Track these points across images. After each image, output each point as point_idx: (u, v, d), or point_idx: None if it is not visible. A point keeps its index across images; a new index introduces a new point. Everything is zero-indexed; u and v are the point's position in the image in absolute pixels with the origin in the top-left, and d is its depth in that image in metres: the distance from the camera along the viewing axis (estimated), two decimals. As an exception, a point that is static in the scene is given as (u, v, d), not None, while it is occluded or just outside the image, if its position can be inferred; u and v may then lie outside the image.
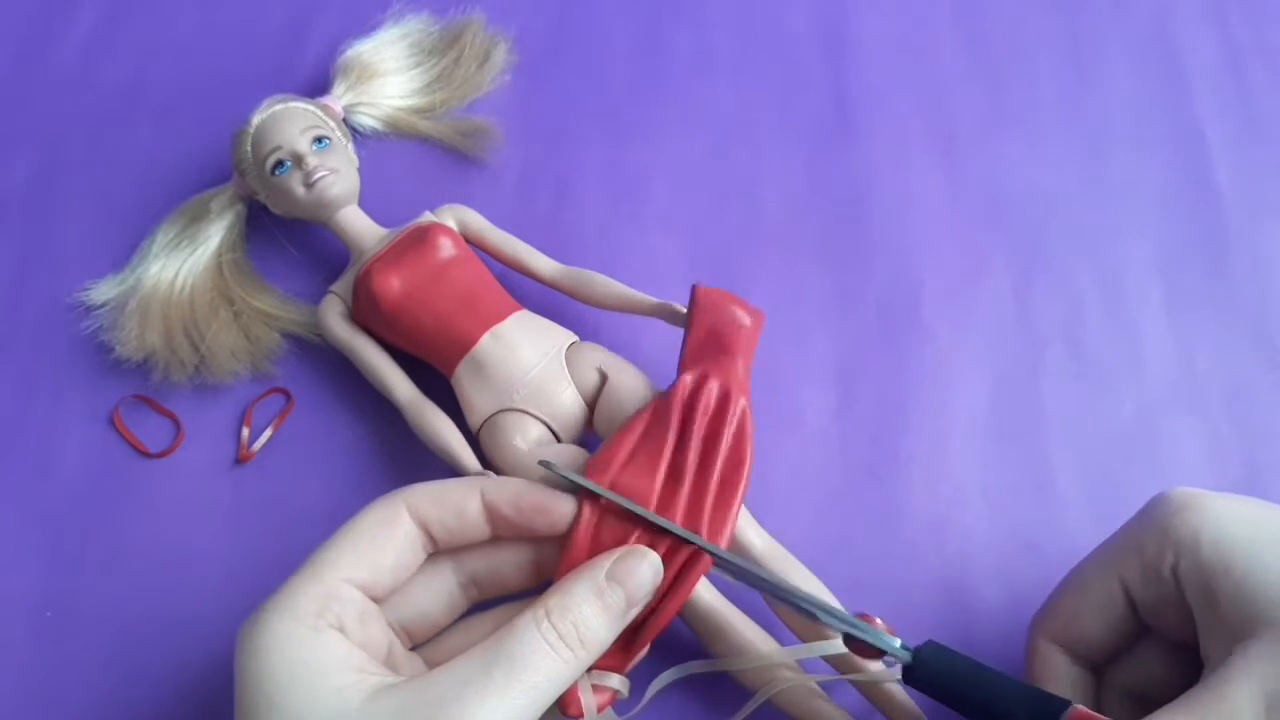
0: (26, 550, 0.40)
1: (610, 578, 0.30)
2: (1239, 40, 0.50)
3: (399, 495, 0.31)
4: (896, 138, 0.48)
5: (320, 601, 0.28)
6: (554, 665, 0.28)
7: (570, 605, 0.29)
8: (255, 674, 0.27)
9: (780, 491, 0.40)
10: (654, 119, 0.49)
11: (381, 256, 0.40)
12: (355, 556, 0.30)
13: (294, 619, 0.28)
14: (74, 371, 0.43)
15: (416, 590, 0.32)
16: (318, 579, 0.29)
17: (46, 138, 0.49)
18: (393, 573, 0.30)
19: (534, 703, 0.27)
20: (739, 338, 0.38)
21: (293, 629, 0.28)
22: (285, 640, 0.28)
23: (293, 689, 0.27)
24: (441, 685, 0.27)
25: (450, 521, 0.31)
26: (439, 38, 0.49)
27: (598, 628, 0.29)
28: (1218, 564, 0.28)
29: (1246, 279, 0.45)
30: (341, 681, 0.27)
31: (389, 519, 0.31)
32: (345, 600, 0.29)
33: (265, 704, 0.27)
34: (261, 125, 0.42)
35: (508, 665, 0.27)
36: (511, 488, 0.32)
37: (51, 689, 0.38)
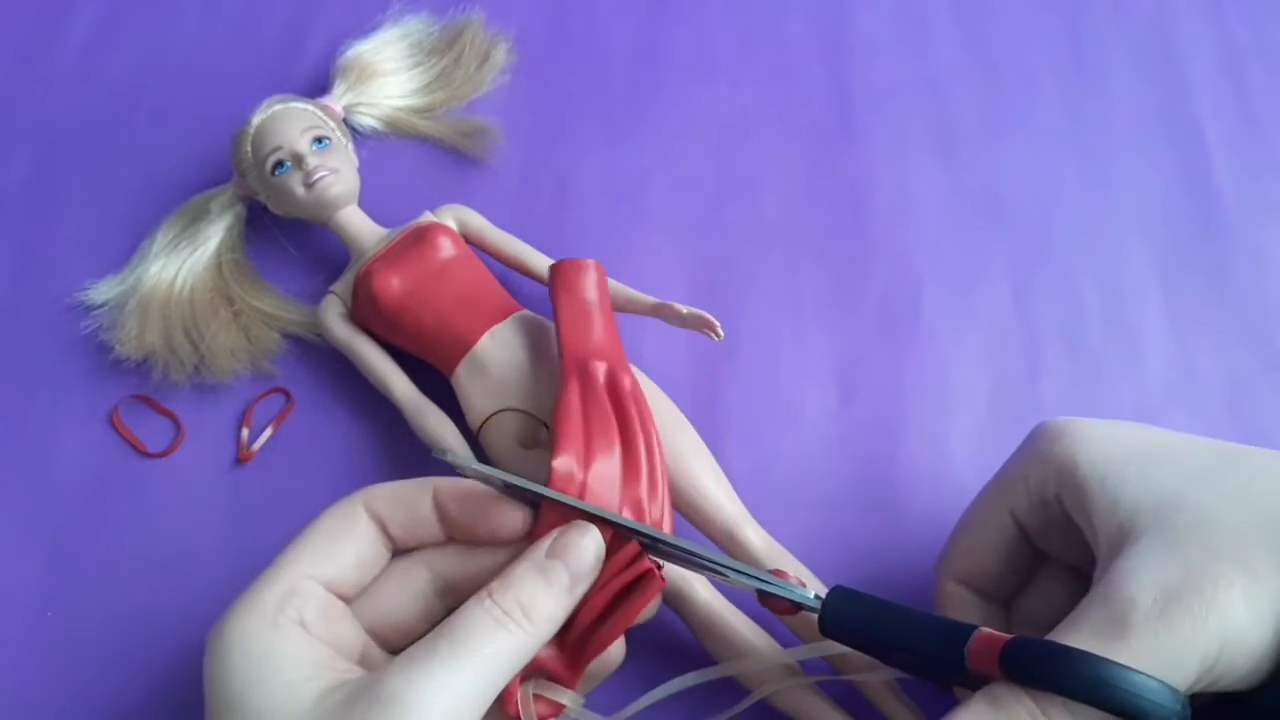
0: (26, 550, 0.40)
1: (551, 554, 0.30)
2: (1238, 40, 0.50)
3: (357, 495, 0.32)
4: (896, 138, 0.48)
5: (281, 598, 0.29)
6: (501, 639, 0.28)
7: (512, 582, 0.29)
8: (219, 672, 0.28)
9: (780, 491, 0.40)
10: (654, 119, 0.49)
11: (381, 256, 0.40)
12: (316, 553, 0.30)
13: (255, 616, 0.28)
14: (74, 371, 0.43)
15: (389, 594, 0.32)
16: (279, 577, 0.29)
17: (46, 137, 0.49)
18: (356, 569, 0.31)
19: (483, 678, 0.27)
20: (594, 311, 0.38)
21: (254, 626, 0.28)
22: (246, 637, 0.28)
23: (252, 686, 0.27)
24: (391, 670, 0.27)
25: (404, 519, 0.31)
26: (439, 38, 0.49)
27: (543, 602, 0.29)
28: (1093, 482, 0.29)
29: (1246, 279, 0.45)
30: (298, 676, 0.27)
31: (347, 516, 0.31)
32: (307, 596, 0.29)
33: (227, 701, 0.27)
34: (262, 125, 0.42)
35: (451, 641, 0.27)
36: (460, 488, 0.32)
37: (51, 688, 0.38)
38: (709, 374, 0.43)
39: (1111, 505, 0.29)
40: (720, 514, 0.37)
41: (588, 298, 0.38)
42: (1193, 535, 0.27)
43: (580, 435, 0.34)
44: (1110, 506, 0.29)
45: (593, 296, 0.39)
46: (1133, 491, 0.29)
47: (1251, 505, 0.27)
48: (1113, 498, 0.29)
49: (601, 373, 0.36)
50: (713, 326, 0.39)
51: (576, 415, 0.35)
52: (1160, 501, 0.28)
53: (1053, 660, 0.26)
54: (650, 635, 0.38)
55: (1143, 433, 0.31)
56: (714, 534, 0.37)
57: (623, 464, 0.35)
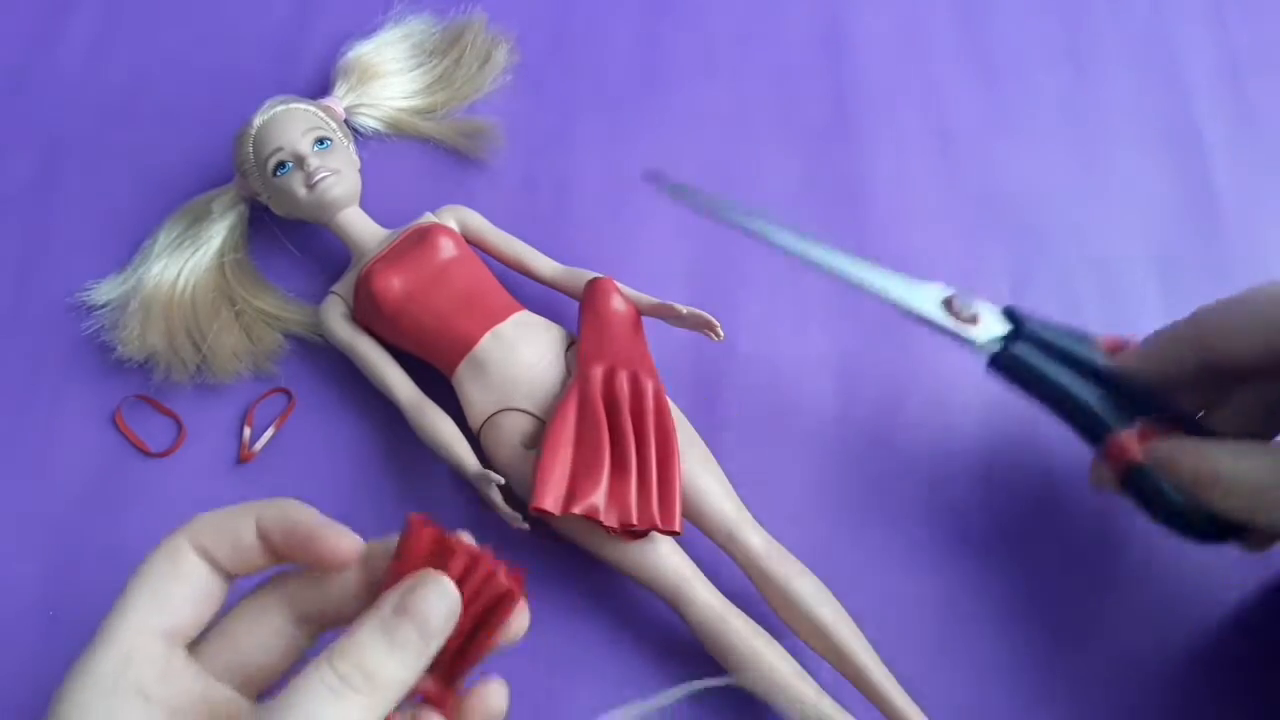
0: (28, 550, 0.40)
1: (399, 611, 0.27)
2: (1237, 40, 0.50)
3: (179, 531, 0.29)
4: (896, 138, 0.48)
5: (117, 665, 0.27)
6: (343, 711, 0.25)
7: (353, 645, 0.26)
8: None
9: (779, 491, 0.40)
10: (654, 119, 0.49)
11: (383, 257, 0.40)
12: (146, 603, 0.28)
13: (93, 689, 0.26)
14: (76, 371, 0.43)
15: (243, 635, 0.29)
16: (112, 638, 0.27)
17: (48, 138, 0.49)
18: (191, 608, 0.28)
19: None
20: (623, 323, 0.40)
21: (91, 700, 0.26)
22: (83, 714, 0.26)
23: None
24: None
25: (229, 551, 0.29)
26: (440, 38, 0.49)
27: (388, 666, 0.26)
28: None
29: (1244, 278, 0.44)
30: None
31: (170, 556, 0.29)
32: (143, 659, 0.27)
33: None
34: (263, 126, 0.42)
35: (288, 716, 0.24)
36: (285, 514, 0.29)
37: (52, 688, 0.38)
38: (709, 374, 0.43)
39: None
40: (720, 514, 0.37)
41: (614, 308, 0.40)
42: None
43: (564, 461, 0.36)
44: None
45: (619, 306, 0.40)
46: None
47: None
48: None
49: (601, 377, 0.37)
50: (713, 326, 0.39)
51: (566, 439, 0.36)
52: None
53: None
54: (651, 637, 0.38)
55: None
56: (714, 533, 0.37)
57: (610, 464, 0.36)
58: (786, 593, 0.36)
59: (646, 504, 0.36)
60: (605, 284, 0.40)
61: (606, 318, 0.39)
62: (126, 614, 0.28)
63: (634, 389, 0.37)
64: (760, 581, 0.36)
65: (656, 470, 0.36)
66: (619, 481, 0.36)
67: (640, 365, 0.38)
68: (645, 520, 0.35)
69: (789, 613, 0.36)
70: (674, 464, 0.36)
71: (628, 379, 0.37)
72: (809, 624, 0.35)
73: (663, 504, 0.36)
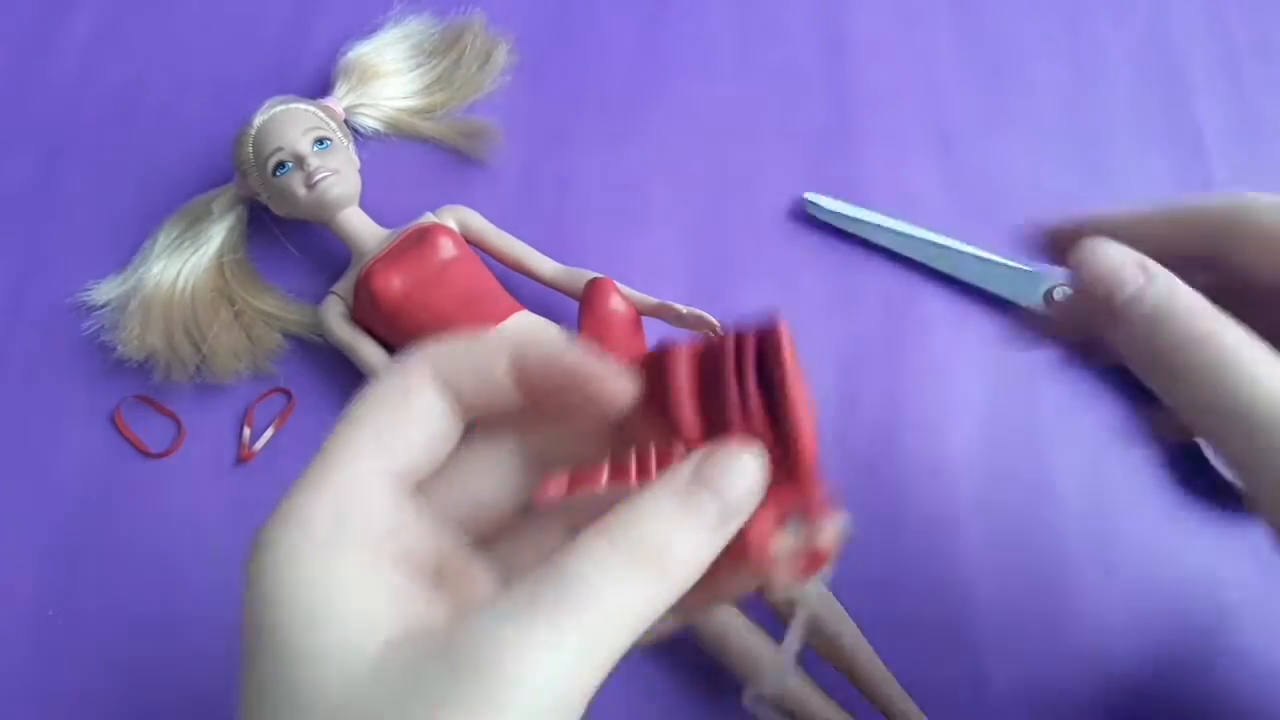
0: (28, 549, 0.40)
1: (696, 480, 0.22)
2: (1237, 39, 0.50)
3: (418, 357, 0.24)
4: (895, 138, 0.48)
5: (336, 510, 0.22)
6: (624, 595, 0.20)
7: (640, 516, 0.21)
8: (261, 613, 0.21)
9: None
10: (654, 119, 0.49)
11: (382, 257, 0.40)
12: (376, 438, 0.23)
13: (306, 539, 0.21)
14: (75, 371, 0.43)
15: (471, 476, 0.25)
16: (332, 478, 0.22)
17: (47, 138, 0.49)
18: (427, 451, 0.24)
19: (599, 640, 0.20)
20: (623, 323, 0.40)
21: (305, 555, 0.21)
22: (293, 566, 0.21)
23: (303, 634, 0.20)
24: (476, 626, 0.20)
25: (473, 383, 0.24)
26: (440, 39, 0.49)
27: (683, 542, 0.21)
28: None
29: (1245, 279, 0.45)
30: (358, 629, 0.20)
31: (409, 387, 0.24)
32: (370, 504, 0.22)
33: (271, 657, 0.21)
34: (263, 126, 0.42)
35: (559, 589, 0.20)
36: (545, 350, 0.24)
37: (52, 688, 0.38)
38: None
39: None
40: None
41: (614, 308, 0.40)
42: None
43: None
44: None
45: (619, 306, 0.40)
46: None
47: None
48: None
49: None
50: (712, 326, 0.39)
51: None
52: None
53: None
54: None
55: None
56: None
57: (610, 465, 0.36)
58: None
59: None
60: (605, 284, 0.40)
61: (606, 318, 0.39)
62: (351, 451, 0.23)
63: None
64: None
65: (656, 472, 0.36)
66: (618, 483, 0.36)
67: None
68: None
69: (788, 611, 0.36)
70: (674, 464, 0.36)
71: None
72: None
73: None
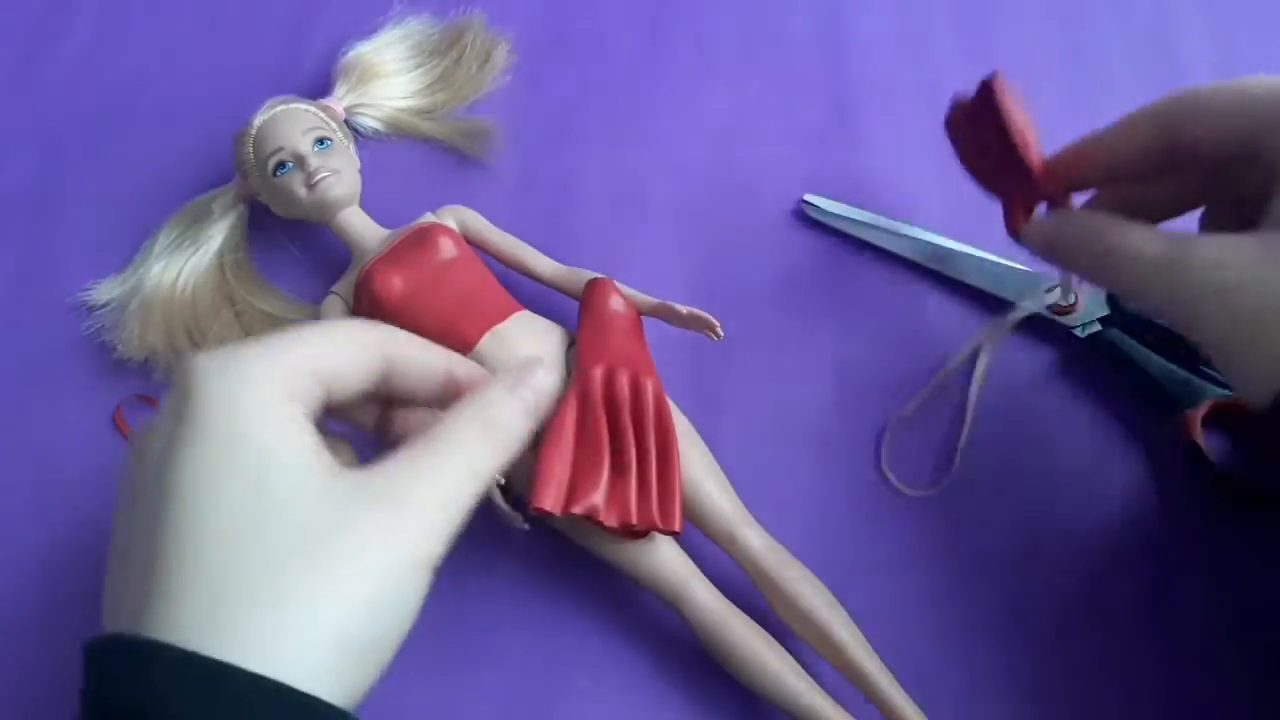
0: (28, 549, 0.40)
1: (518, 381, 0.30)
2: (1237, 40, 0.50)
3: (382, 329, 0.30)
4: (896, 138, 0.48)
5: (290, 388, 0.27)
6: (477, 446, 0.28)
7: (484, 399, 0.30)
8: (225, 408, 0.26)
9: (780, 491, 0.40)
10: (654, 119, 0.49)
11: (383, 257, 0.40)
12: (324, 352, 0.28)
13: (268, 369, 0.26)
14: (76, 371, 0.43)
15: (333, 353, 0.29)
16: (282, 350, 0.27)
17: (48, 138, 0.49)
18: (350, 389, 0.29)
19: (467, 480, 0.28)
20: (623, 323, 0.40)
21: (270, 376, 0.26)
22: (264, 387, 0.26)
23: (271, 437, 0.26)
24: (382, 476, 0.26)
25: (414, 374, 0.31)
26: (440, 38, 0.49)
27: (509, 416, 0.30)
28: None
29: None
30: (310, 448, 0.26)
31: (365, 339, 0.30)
32: (312, 397, 0.27)
33: (236, 439, 0.25)
34: (263, 126, 0.42)
35: (434, 450, 0.27)
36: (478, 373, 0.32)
37: (52, 688, 0.38)
38: (709, 374, 0.43)
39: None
40: (720, 514, 0.37)
41: (614, 308, 0.40)
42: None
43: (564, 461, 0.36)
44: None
45: (618, 306, 0.40)
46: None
47: None
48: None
49: (601, 378, 0.37)
50: (712, 326, 0.39)
51: (565, 439, 0.36)
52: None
53: None
54: (651, 637, 0.38)
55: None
56: (714, 533, 0.37)
57: (610, 465, 0.36)
58: (786, 593, 0.36)
59: (646, 504, 0.36)
60: (605, 284, 0.40)
61: (606, 318, 0.39)
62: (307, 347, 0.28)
63: (634, 389, 0.37)
64: (760, 581, 0.36)
65: (656, 470, 0.36)
66: (619, 482, 0.36)
67: (640, 365, 0.38)
68: (646, 520, 0.35)
69: (789, 613, 0.36)
70: (674, 464, 0.36)
71: (628, 379, 0.37)
72: (809, 624, 0.35)
73: (662, 504, 0.36)
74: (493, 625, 0.39)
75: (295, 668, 0.23)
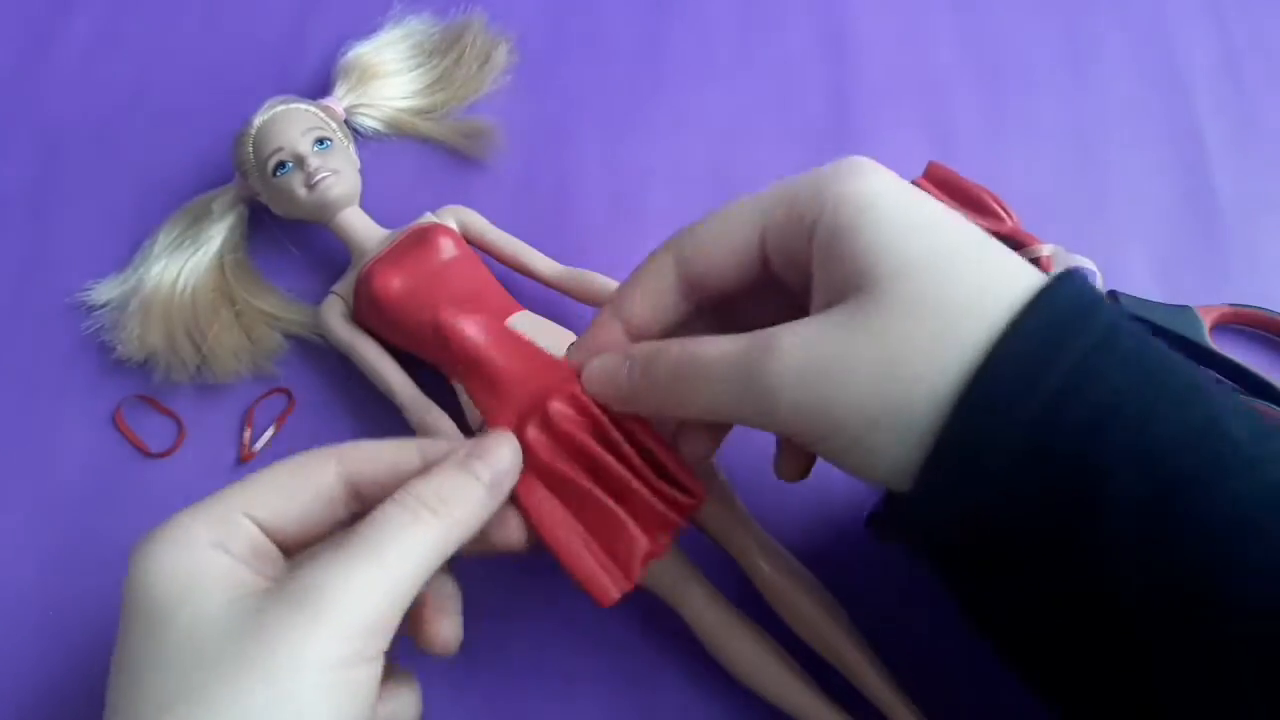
0: (28, 549, 0.40)
1: (472, 455, 0.30)
2: (1237, 40, 0.50)
3: (331, 450, 0.30)
4: (896, 138, 0.48)
5: (212, 528, 0.27)
6: (420, 532, 0.27)
7: (431, 477, 0.28)
8: (140, 594, 0.26)
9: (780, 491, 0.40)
10: (654, 119, 0.49)
11: (383, 257, 0.40)
12: (259, 495, 0.29)
13: (183, 543, 0.27)
14: (75, 371, 0.43)
15: (293, 485, 0.30)
16: (211, 508, 0.28)
17: (48, 138, 0.49)
18: (299, 522, 0.29)
19: (403, 570, 0.27)
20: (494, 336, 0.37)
21: (180, 552, 0.27)
22: (174, 560, 0.27)
23: (184, 600, 0.26)
24: (308, 564, 0.26)
25: (383, 478, 0.30)
26: (440, 39, 0.49)
27: (463, 496, 0.28)
28: (849, 227, 0.28)
29: (1244, 278, 0.45)
30: (226, 591, 0.26)
31: (308, 468, 0.29)
32: (239, 531, 0.28)
33: (149, 623, 0.26)
34: (263, 126, 0.42)
35: (368, 533, 0.27)
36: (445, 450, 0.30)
37: (52, 689, 0.38)
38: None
39: (850, 255, 0.27)
40: (719, 514, 0.37)
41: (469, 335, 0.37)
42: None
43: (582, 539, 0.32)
44: (849, 256, 0.27)
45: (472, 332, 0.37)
46: (877, 249, 0.27)
47: None
48: (854, 250, 0.27)
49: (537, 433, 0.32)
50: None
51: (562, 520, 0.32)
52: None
53: None
54: (652, 637, 0.38)
55: (936, 210, 0.29)
56: (713, 534, 0.37)
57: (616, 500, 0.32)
58: (786, 592, 0.36)
59: (670, 500, 0.33)
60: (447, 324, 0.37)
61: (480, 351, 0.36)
62: (236, 494, 0.28)
63: (576, 407, 0.33)
64: (760, 581, 0.36)
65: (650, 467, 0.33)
66: (634, 504, 0.33)
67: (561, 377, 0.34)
68: (684, 511, 0.33)
69: (789, 612, 0.36)
70: (660, 445, 0.33)
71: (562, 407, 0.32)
72: (809, 624, 0.35)
73: (679, 487, 0.33)
74: (492, 624, 0.39)
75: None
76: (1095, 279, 0.41)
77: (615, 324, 0.32)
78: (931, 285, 0.27)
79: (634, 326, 0.32)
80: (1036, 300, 0.26)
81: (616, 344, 0.32)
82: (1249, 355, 0.43)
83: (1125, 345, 0.26)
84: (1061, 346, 0.25)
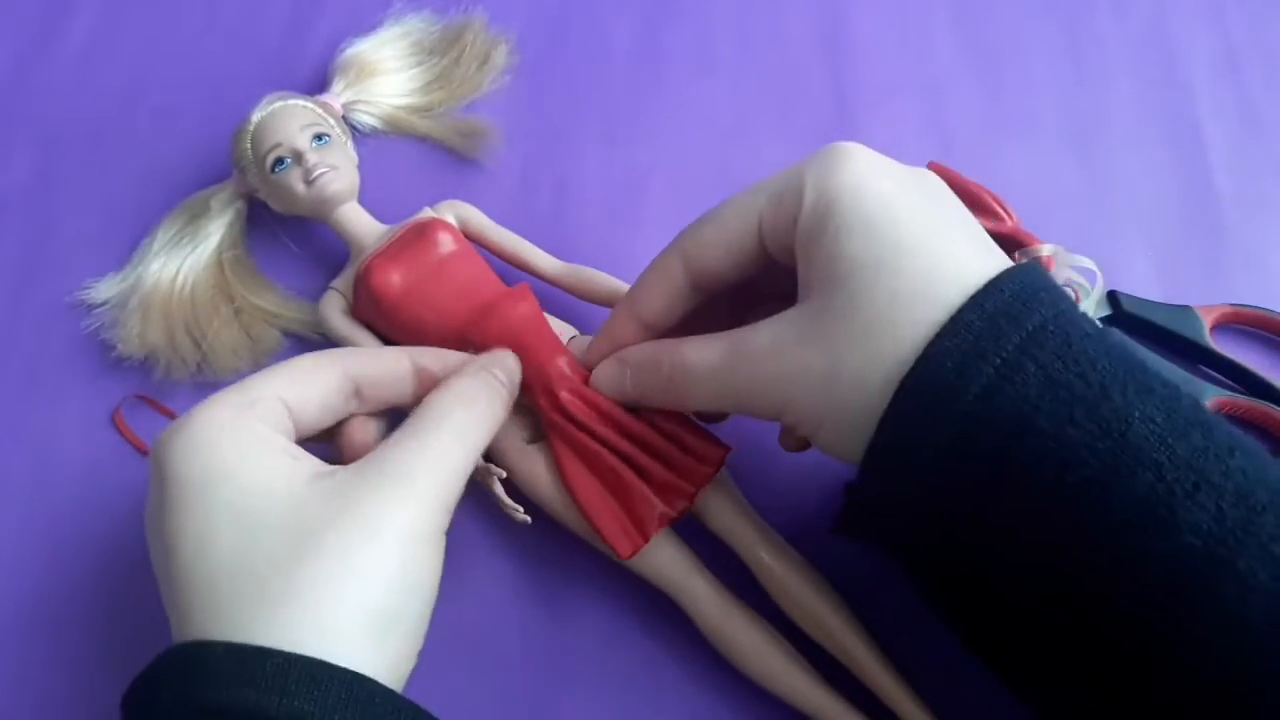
0: (26, 549, 0.40)
1: (485, 365, 0.34)
2: (1236, 39, 0.50)
3: (335, 351, 0.33)
4: (896, 138, 0.48)
5: (247, 403, 0.29)
6: (464, 419, 0.31)
7: (460, 380, 0.32)
8: (185, 460, 0.28)
9: (780, 491, 0.40)
10: (654, 119, 0.49)
11: (382, 252, 0.40)
12: (285, 382, 0.31)
13: (227, 411, 0.29)
14: (75, 370, 0.43)
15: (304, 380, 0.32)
16: (246, 391, 0.30)
17: (46, 137, 0.49)
18: (319, 409, 0.32)
19: (459, 451, 0.30)
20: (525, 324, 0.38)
21: (228, 417, 0.29)
22: (224, 427, 0.28)
23: (237, 463, 0.28)
24: (373, 460, 0.29)
25: (380, 379, 0.33)
26: (439, 37, 0.49)
27: (490, 388, 0.33)
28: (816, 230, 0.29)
29: (1245, 278, 0.45)
30: (283, 458, 0.29)
31: (322, 363, 0.32)
32: (276, 410, 0.30)
33: (204, 482, 0.27)
34: (261, 122, 0.42)
35: (423, 428, 0.30)
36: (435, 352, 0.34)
37: (51, 688, 0.38)
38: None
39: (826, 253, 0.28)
40: (721, 508, 0.37)
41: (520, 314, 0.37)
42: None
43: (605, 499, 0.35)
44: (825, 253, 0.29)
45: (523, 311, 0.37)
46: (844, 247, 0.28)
47: None
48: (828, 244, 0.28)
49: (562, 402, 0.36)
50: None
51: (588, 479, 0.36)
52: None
53: None
54: (655, 631, 0.38)
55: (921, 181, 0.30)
56: (716, 528, 0.37)
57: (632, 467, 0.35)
58: (789, 586, 0.36)
59: (687, 464, 0.35)
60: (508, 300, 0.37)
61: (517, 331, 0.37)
62: (262, 380, 0.31)
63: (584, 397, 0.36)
64: (762, 573, 0.36)
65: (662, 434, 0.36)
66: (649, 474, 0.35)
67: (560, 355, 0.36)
68: (701, 478, 0.35)
69: (792, 605, 0.36)
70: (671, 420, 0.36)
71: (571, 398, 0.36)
72: (812, 617, 0.35)
73: (695, 453, 0.35)
74: (493, 620, 0.39)
75: (320, 646, 0.25)
76: (1096, 279, 0.41)
77: (630, 323, 0.35)
78: (874, 288, 0.28)
79: (650, 323, 0.34)
80: (979, 295, 0.27)
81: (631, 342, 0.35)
82: (1249, 355, 0.43)
83: (1053, 342, 0.26)
84: (1000, 338, 0.26)
